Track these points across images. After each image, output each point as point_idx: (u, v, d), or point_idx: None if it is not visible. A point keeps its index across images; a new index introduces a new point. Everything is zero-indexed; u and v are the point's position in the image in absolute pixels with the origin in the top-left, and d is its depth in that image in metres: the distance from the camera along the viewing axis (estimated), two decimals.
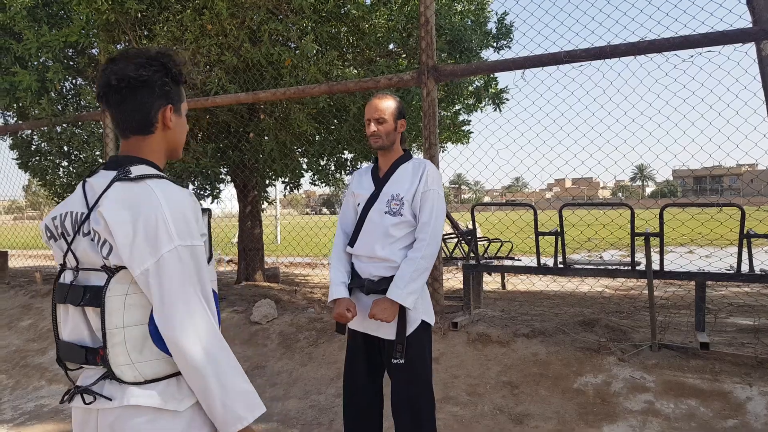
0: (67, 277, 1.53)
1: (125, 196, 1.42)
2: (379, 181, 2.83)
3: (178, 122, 1.64)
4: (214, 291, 1.58)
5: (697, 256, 8.31)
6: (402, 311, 2.67)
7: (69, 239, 1.50)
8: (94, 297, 1.43)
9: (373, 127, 2.76)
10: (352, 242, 2.84)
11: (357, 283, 2.81)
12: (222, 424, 1.45)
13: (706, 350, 3.84)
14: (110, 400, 1.43)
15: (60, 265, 1.55)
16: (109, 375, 1.43)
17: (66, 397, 1.50)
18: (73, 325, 1.50)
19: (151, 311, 1.44)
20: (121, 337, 1.41)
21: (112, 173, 1.49)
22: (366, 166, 3.02)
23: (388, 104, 2.78)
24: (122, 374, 1.42)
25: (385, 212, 2.74)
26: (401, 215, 2.72)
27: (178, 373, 1.47)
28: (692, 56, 3.96)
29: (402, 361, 2.65)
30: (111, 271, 1.42)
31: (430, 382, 2.78)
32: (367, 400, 2.87)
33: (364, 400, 2.86)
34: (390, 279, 2.69)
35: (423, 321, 2.74)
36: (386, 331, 2.72)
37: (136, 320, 1.43)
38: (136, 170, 1.49)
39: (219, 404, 1.42)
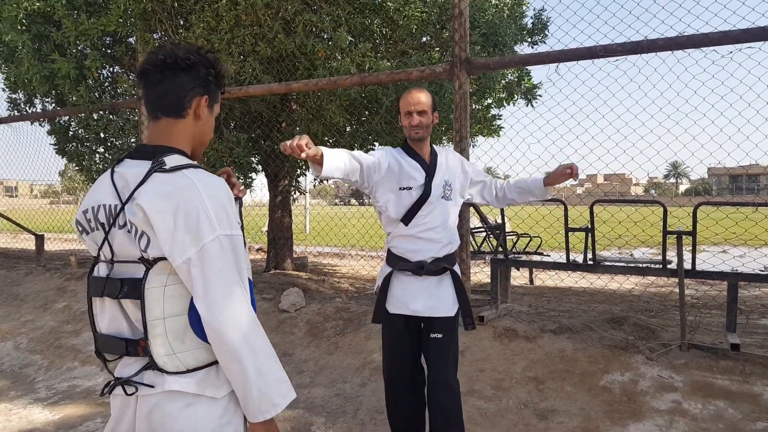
0: (101, 270, 1.54)
1: (164, 188, 1.43)
2: (429, 168, 2.99)
3: (209, 118, 1.65)
4: (249, 279, 1.60)
5: (731, 255, 8.15)
6: (461, 287, 2.99)
7: (105, 232, 1.50)
8: (132, 289, 1.44)
9: (417, 119, 2.92)
10: (406, 221, 2.95)
11: (409, 266, 2.96)
12: (256, 410, 1.47)
13: (737, 351, 3.78)
14: (152, 387, 1.45)
15: (94, 257, 1.57)
16: (152, 365, 1.45)
17: (106, 389, 1.52)
18: (110, 317, 1.52)
19: (191, 301, 1.45)
20: (162, 329, 1.43)
21: (141, 162, 1.50)
22: (395, 149, 3.08)
23: (428, 97, 2.96)
24: (164, 364, 1.44)
25: (442, 197, 2.98)
26: (452, 200, 3.04)
27: (216, 362, 1.49)
28: (731, 52, 3.87)
29: (438, 335, 2.91)
30: (149, 263, 1.43)
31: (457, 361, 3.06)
32: (415, 380, 3.08)
33: (410, 380, 3.06)
34: (443, 259, 2.97)
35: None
36: (444, 309, 2.95)
37: (176, 311, 1.45)
38: (171, 160, 1.49)
39: (255, 390, 1.44)
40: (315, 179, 7.97)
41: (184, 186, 1.43)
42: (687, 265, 4.12)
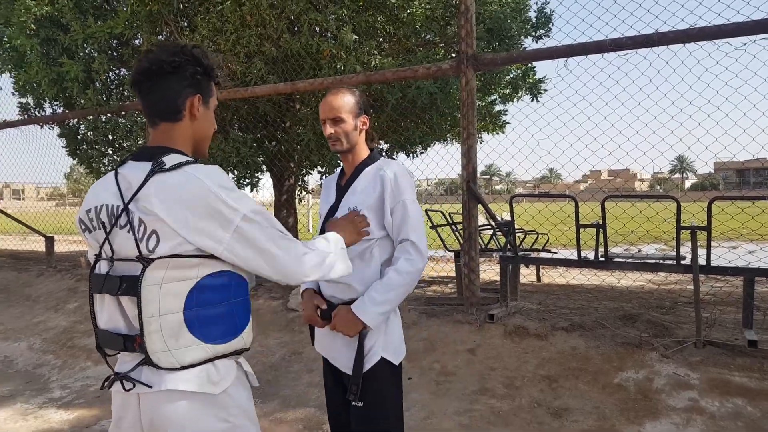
0: (102, 268, 1.57)
1: (168, 187, 1.46)
2: (341, 190, 2.38)
3: (206, 115, 1.68)
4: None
5: (745, 250, 8.08)
6: (361, 344, 2.21)
7: (106, 231, 1.54)
8: (130, 287, 1.47)
9: (329, 129, 2.30)
10: None
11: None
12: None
13: (754, 348, 3.73)
14: (150, 386, 1.48)
15: (95, 255, 1.59)
16: (147, 361, 1.47)
17: (106, 383, 1.56)
18: (109, 313, 1.55)
19: (186, 299, 1.47)
20: (157, 325, 1.45)
21: (143, 164, 1.53)
22: (336, 172, 2.55)
23: (345, 100, 2.31)
24: (159, 361, 1.46)
25: None
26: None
27: (213, 359, 1.53)
28: (745, 44, 3.83)
29: (359, 403, 2.20)
30: (146, 261, 1.45)
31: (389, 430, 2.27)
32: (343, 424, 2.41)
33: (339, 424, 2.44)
34: (348, 303, 2.23)
35: (383, 358, 2.23)
36: (342, 362, 2.30)
37: (171, 308, 1.47)
38: (170, 160, 1.53)
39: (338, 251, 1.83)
40: (321, 178, 7.93)
41: (188, 181, 1.47)
42: (701, 261, 4.07)
